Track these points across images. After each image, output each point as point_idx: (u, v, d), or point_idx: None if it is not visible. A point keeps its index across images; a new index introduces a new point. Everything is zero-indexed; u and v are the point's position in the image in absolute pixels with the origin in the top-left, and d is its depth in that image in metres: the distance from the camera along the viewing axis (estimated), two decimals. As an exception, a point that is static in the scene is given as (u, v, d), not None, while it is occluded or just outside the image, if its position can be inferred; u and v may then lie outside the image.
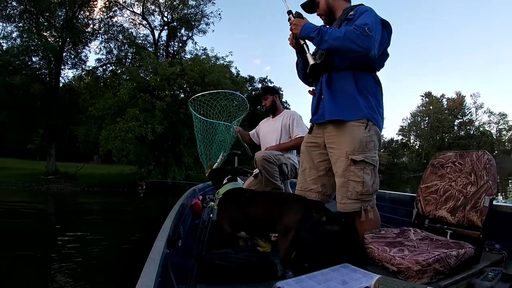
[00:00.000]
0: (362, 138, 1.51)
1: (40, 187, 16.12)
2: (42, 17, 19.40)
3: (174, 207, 1.79)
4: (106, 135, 15.46)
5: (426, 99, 46.47)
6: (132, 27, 22.16)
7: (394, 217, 1.98)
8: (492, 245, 1.34)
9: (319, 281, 1.07)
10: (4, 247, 5.18)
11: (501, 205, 1.47)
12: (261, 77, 33.38)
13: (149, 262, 0.90)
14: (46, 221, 8.37)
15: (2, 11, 18.29)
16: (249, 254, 1.30)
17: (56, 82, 20.61)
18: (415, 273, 1.07)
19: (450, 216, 1.47)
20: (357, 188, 1.49)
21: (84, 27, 20.87)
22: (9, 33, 18.98)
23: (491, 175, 1.39)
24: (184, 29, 22.31)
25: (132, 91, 16.39)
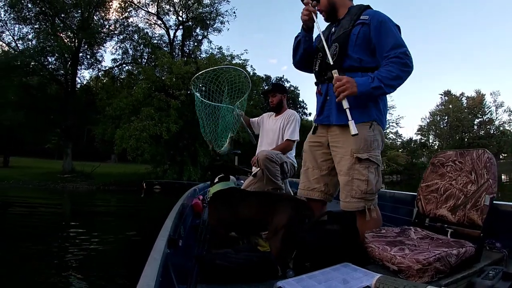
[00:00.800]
0: (367, 137, 1.51)
1: (56, 185, 16.31)
2: (57, 18, 19.59)
3: (174, 207, 1.79)
4: (121, 134, 15.50)
5: (446, 98, 45.03)
6: (148, 27, 22.35)
7: (395, 216, 1.98)
8: (493, 243, 1.34)
9: (320, 280, 1.07)
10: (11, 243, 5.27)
11: (502, 204, 1.47)
12: (278, 76, 33.11)
13: (150, 262, 0.90)
14: (55, 218, 8.52)
15: (18, 13, 18.53)
16: (250, 254, 1.30)
17: (73, 83, 20.96)
18: (415, 272, 1.07)
19: (451, 215, 1.47)
20: (361, 186, 1.49)
21: (100, 28, 21.06)
22: (25, 34, 19.31)
23: (491, 173, 1.39)
24: (199, 28, 22.38)
25: (147, 90, 16.40)
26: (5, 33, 19.08)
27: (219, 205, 1.65)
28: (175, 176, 16.55)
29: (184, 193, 2.55)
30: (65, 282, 3.71)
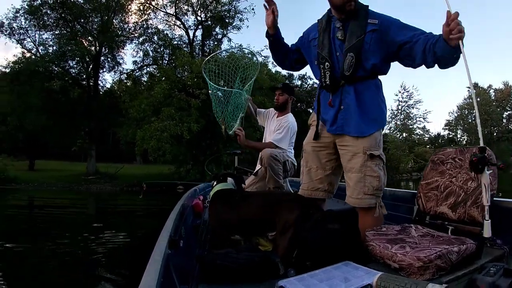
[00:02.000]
0: (376, 137, 1.56)
1: (80, 187, 16.46)
2: (77, 23, 19.86)
3: (175, 208, 1.79)
4: (141, 135, 15.46)
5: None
6: (167, 29, 22.38)
7: (395, 214, 1.98)
8: (494, 240, 1.33)
9: (321, 279, 1.07)
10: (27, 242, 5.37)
11: (503, 200, 1.47)
12: (300, 74, 32.88)
13: (151, 263, 0.91)
14: (74, 218, 8.65)
15: (38, 20, 18.81)
16: (251, 254, 1.30)
17: (95, 86, 21.25)
18: (417, 270, 1.07)
19: (451, 212, 1.47)
20: (373, 183, 1.52)
21: (120, 31, 21.32)
22: (45, 40, 19.64)
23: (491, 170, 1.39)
24: (218, 27, 22.29)
25: (167, 91, 16.30)
26: (26, 40, 19.40)
27: (219, 206, 1.64)
28: (198, 176, 16.43)
29: (184, 194, 2.55)
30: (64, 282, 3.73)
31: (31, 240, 5.71)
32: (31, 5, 18.27)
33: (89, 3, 19.49)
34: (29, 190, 14.97)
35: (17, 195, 13.30)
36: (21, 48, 19.31)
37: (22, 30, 18.95)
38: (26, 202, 12.04)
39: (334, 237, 1.34)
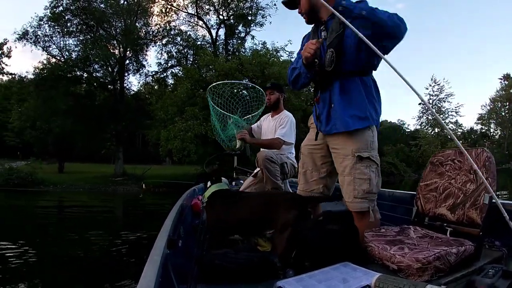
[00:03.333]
0: (367, 138, 1.53)
1: (107, 188, 16.75)
2: (101, 28, 20.23)
3: (173, 208, 1.79)
4: (166, 135, 15.43)
5: (505, 82, 39.71)
6: (190, 30, 22.69)
7: (394, 216, 1.98)
8: (492, 242, 1.34)
9: (320, 279, 1.07)
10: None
11: (502, 202, 1.47)
12: None
13: (149, 263, 0.90)
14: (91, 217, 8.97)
15: (62, 26, 19.31)
16: (249, 254, 1.30)
17: (121, 89, 21.59)
18: (415, 271, 1.07)
19: (450, 213, 1.47)
20: (363, 185, 1.50)
21: (143, 34, 21.65)
22: (70, 46, 20.14)
23: (490, 172, 1.39)
24: (241, 25, 22.30)
25: (191, 90, 16.29)
26: (51, 46, 19.87)
27: (217, 207, 1.64)
28: (224, 175, 16.66)
29: (184, 193, 2.54)
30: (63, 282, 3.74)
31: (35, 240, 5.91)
32: (54, 12, 18.76)
33: (110, 7, 19.87)
34: (56, 192, 15.37)
35: (43, 197, 13.68)
36: (47, 54, 19.85)
37: (47, 37, 19.45)
38: (50, 203, 12.42)
39: (333, 238, 1.34)
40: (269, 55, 17.82)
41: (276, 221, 1.41)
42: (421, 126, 28.96)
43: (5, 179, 15.62)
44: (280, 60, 18.24)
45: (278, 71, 16.34)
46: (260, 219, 1.50)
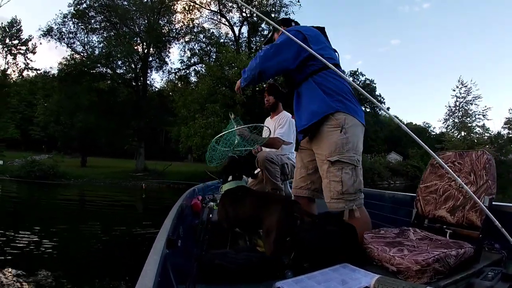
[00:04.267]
0: (338, 141, 1.56)
1: (128, 183, 16.88)
2: (124, 25, 20.59)
3: (173, 208, 1.79)
4: (186, 132, 15.44)
5: None
6: (213, 27, 22.73)
7: (394, 217, 1.98)
8: (492, 244, 1.34)
9: (319, 281, 1.07)
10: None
11: (501, 205, 1.47)
12: (352, 70, 32.78)
13: (148, 262, 0.90)
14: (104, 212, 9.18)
15: (87, 24, 19.85)
16: (249, 254, 1.30)
17: (144, 86, 21.92)
18: (414, 273, 1.07)
19: (450, 215, 1.47)
20: (337, 187, 1.54)
21: (167, 32, 21.92)
22: (94, 43, 20.72)
23: (490, 174, 1.39)
24: (264, 23, 22.07)
25: (212, 87, 16.28)
26: (75, 43, 20.45)
27: (227, 202, 1.68)
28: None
29: (183, 193, 2.55)
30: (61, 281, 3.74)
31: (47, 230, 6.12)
32: (78, 9, 19.23)
33: (133, 5, 20.20)
34: (77, 185, 15.71)
35: (62, 190, 14.15)
36: (71, 50, 20.36)
37: (71, 34, 20.00)
38: (68, 196, 12.75)
39: (332, 239, 1.34)
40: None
41: (263, 223, 1.44)
42: (447, 129, 28.17)
43: (27, 171, 16.04)
44: None
45: None
46: (251, 217, 1.53)
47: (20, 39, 23.16)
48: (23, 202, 10.64)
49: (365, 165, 12.56)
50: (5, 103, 21.93)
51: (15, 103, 25.88)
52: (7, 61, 22.80)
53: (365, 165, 17.34)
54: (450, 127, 28.32)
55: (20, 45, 23.12)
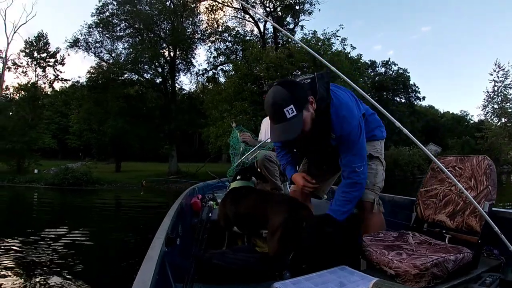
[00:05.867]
0: (376, 145, 1.71)
1: (161, 186, 17.19)
2: (148, 30, 20.93)
3: (173, 206, 1.80)
4: (215, 132, 15.41)
5: None
6: (238, 25, 22.87)
7: (393, 221, 1.98)
8: (491, 250, 1.34)
9: (316, 282, 1.08)
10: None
11: (501, 211, 1.48)
12: (384, 60, 31.93)
13: (146, 260, 0.91)
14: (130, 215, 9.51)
15: (112, 32, 20.45)
16: (247, 255, 1.30)
17: (172, 89, 22.38)
18: (412, 277, 1.08)
19: (449, 220, 1.48)
20: (371, 178, 1.61)
21: (191, 34, 22.18)
22: (119, 50, 21.30)
23: (491, 180, 1.39)
24: (289, 16, 22.20)
25: (238, 85, 16.27)
26: (102, 52, 21.09)
27: (228, 200, 1.69)
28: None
29: (183, 192, 2.56)
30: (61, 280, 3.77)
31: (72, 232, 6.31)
32: (102, 18, 19.85)
33: (155, 9, 20.55)
34: (110, 190, 16.24)
35: (93, 195, 14.72)
36: (98, 59, 21.06)
37: (98, 43, 20.62)
38: (99, 200, 13.14)
39: (331, 241, 1.35)
40: (320, 43, 17.50)
41: (268, 223, 1.43)
42: (486, 116, 27.19)
43: (61, 178, 16.72)
44: (332, 48, 17.98)
45: (330, 59, 15.90)
46: (253, 216, 1.53)
47: (48, 52, 24.02)
48: (54, 207, 11.29)
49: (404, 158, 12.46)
50: (38, 114, 22.97)
51: (48, 114, 27.17)
52: (37, 73, 23.82)
53: (404, 158, 16.76)
54: (490, 114, 26.87)
55: (48, 58, 24.07)
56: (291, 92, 1.27)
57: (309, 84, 1.41)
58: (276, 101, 1.27)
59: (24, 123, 20.92)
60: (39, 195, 14.33)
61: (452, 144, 27.53)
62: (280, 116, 1.26)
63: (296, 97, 1.27)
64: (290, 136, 1.30)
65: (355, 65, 19.22)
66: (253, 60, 17.20)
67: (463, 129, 36.59)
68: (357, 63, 19.86)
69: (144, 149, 24.08)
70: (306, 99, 1.31)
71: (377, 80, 29.52)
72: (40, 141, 21.90)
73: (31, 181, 17.68)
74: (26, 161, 20.69)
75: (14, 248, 5.02)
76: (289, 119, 1.25)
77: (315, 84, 1.40)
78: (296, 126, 1.27)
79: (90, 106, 20.50)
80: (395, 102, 31.52)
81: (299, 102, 1.27)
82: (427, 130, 35.13)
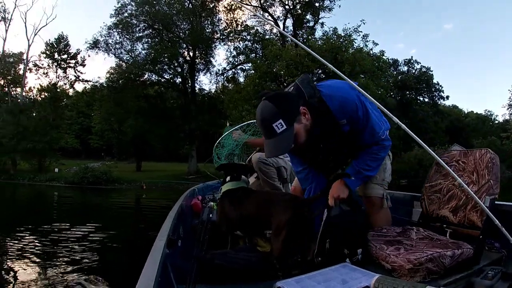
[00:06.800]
0: None
1: (179, 186, 17.48)
2: (167, 30, 21.51)
3: (173, 208, 1.83)
4: None
5: None
6: (257, 24, 23.03)
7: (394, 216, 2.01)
8: (492, 244, 1.37)
9: (319, 280, 1.11)
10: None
11: (502, 204, 1.50)
12: (406, 58, 31.42)
13: (149, 262, 0.94)
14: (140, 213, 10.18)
15: (132, 33, 21.12)
16: (249, 254, 1.33)
17: (192, 89, 22.93)
18: (407, 272, 1.11)
19: (452, 215, 1.50)
20: (380, 173, 1.66)
21: (210, 33, 22.76)
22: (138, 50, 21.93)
23: (493, 174, 1.41)
24: (309, 14, 22.35)
25: (258, 83, 16.43)
26: (122, 53, 21.79)
27: (226, 204, 1.70)
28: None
29: (183, 193, 2.59)
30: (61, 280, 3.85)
31: None
32: (121, 19, 20.49)
33: (173, 9, 21.01)
34: (129, 189, 16.86)
35: (111, 193, 15.56)
36: (118, 60, 21.86)
37: (118, 44, 21.34)
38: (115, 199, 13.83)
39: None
40: (341, 40, 17.49)
41: (272, 222, 1.45)
42: None
43: (80, 177, 17.53)
44: (354, 44, 17.95)
45: (352, 56, 16.00)
46: (257, 218, 1.54)
47: (69, 53, 25.44)
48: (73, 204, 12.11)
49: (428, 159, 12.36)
50: (60, 114, 24.07)
51: (70, 114, 28.61)
52: (58, 75, 25.29)
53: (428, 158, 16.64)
54: (517, 113, 25.90)
55: (69, 59, 25.51)
56: (279, 106, 1.26)
57: (295, 90, 1.41)
58: (265, 117, 1.27)
59: (46, 123, 21.93)
60: (59, 193, 15.12)
61: (477, 145, 26.97)
62: (270, 132, 1.26)
63: (285, 111, 1.27)
64: (281, 151, 1.34)
65: (378, 62, 19.07)
66: (273, 58, 17.23)
67: (488, 129, 36.31)
68: (379, 60, 19.63)
69: (164, 149, 24.84)
70: (296, 111, 1.31)
71: (400, 79, 29.08)
72: (63, 141, 23.17)
73: (52, 180, 18.66)
74: (47, 160, 21.60)
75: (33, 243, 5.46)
76: (279, 133, 1.25)
77: (299, 87, 1.40)
78: (287, 141, 1.28)
79: (110, 106, 21.16)
80: (418, 101, 31.00)
81: (288, 116, 1.27)
82: (451, 130, 34.46)
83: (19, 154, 20.73)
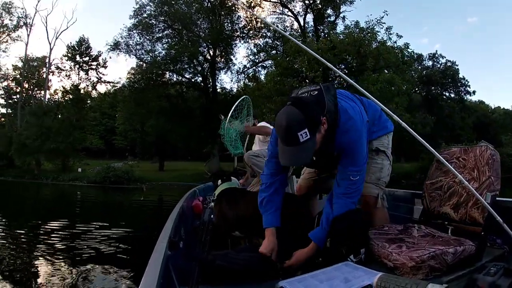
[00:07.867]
0: (383, 141, 1.74)
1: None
2: (186, 30, 21.71)
3: (174, 209, 1.84)
4: None
5: None
6: (277, 21, 23.19)
7: (396, 214, 2.02)
8: (494, 240, 1.39)
9: (322, 279, 1.12)
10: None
11: (504, 200, 1.51)
12: (430, 53, 31.31)
13: (151, 264, 0.95)
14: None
15: (152, 34, 21.53)
16: (250, 255, 1.35)
17: (213, 88, 23.21)
18: (409, 269, 1.13)
19: (453, 212, 1.52)
20: (376, 173, 1.68)
21: (230, 31, 23.04)
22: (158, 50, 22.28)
23: (493, 170, 1.43)
24: (330, 8, 22.27)
25: (279, 80, 16.42)
26: (143, 54, 22.21)
27: (223, 204, 1.71)
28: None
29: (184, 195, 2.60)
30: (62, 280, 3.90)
31: None
32: (140, 20, 20.86)
33: (192, 8, 21.28)
34: (150, 189, 16.91)
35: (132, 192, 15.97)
36: (139, 61, 22.28)
37: (138, 45, 21.84)
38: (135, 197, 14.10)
39: None
40: (364, 33, 17.32)
41: None
42: None
43: (103, 177, 18.26)
44: (377, 37, 17.80)
45: (376, 49, 15.94)
46: (255, 217, 1.56)
47: (90, 55, 26.20)
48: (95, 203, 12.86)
49: None
50: (83, 115, 24.80)
51: (93, 116, 29.41)
52: (80, 77, 26.06)
53: None
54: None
55: (91, 61, 26.28)
56: (305, 114, 1.23)
57: (316, 96, 1.37)
58: (290, 125, 1.22)
59: (69, 125, 22.50)
60: (82, 192, 15.89)
61: (506, 141, 26.55)
62: (293, 140, 1.22)
63: (311, 120, 1.23)
64: (301, 161, 1.30)
65: (403, 56, 19.00)
66: (293, 53, 17.12)
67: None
68: (404, 53, 19.55)
69: (187, 149, 25.22)
70: (319, 121, 1.28)
71: (425, 74, 28.87)
72: (88, 141, 23.91)
73: (74, 179, 19.49)
74: (70, 160, 22.36)
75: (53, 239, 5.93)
76: (302, 143, 1.21)
77: (323, 97, 1.36)
78: (308, 151, 1.25)
79: (131, 107, 21.66)
80: (444, 97, 30.64)
81: (313, 125, 1.24)
82: (478, 126, 33.58)
83: (43, 155, 21.39)
